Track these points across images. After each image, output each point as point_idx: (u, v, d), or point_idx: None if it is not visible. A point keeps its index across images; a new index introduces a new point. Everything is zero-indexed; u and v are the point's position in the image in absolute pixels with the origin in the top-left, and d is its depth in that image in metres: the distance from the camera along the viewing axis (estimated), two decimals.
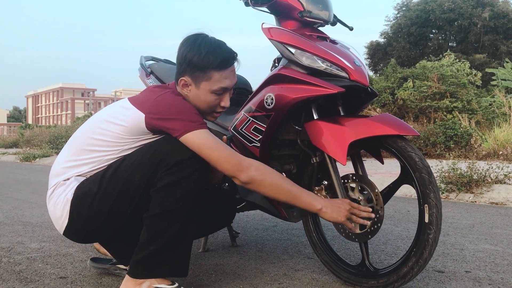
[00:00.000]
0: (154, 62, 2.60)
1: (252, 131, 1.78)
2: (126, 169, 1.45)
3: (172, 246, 1.44)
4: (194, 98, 1.55)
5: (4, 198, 4.16)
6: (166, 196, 1.41)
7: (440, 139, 7.01)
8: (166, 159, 1.42)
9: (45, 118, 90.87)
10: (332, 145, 1.55)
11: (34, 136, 15.67)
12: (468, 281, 1.75)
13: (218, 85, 1.52)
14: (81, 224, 1.49)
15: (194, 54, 1.50)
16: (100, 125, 1.52)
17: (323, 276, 1.79)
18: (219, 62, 1.50)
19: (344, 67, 1.58)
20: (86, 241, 1.65)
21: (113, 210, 1.46)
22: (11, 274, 1.80)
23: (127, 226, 1.52)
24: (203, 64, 1.49)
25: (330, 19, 1.79)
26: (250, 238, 2.46)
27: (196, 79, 1.52)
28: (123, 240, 1.61)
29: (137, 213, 1.46)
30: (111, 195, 1.45)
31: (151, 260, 1.44)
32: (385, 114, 1.60)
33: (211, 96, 1.54)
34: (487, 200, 3.86)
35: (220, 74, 1.51)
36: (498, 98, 10.11)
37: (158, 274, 1.46)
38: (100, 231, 1.52)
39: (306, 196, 1.52)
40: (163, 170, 1.41)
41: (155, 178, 1.42)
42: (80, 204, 1.46)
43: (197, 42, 1.52)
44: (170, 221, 1.42)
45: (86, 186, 1.47)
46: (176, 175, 1.41)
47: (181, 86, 1.55)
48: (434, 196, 1.43)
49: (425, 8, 23.47)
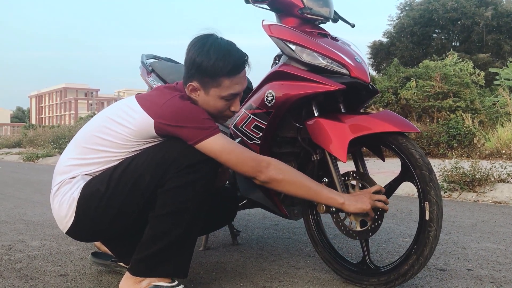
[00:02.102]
0: (155, 60, 2.60)
1: (253, 129, 1.77)
2: (136, 170, 1.43)
3: (177, 247, 1.43)
4: (203, 104, 1.51)
5: (7, 197, 4.17)
6: (174, 198, 1.40)
7: (443, 139, 6.98)
8: (178, 162, 1.41)
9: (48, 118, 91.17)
10: (332, 142, 1.54)
11: (37, 136, 15.72)
12: (470, 279, 1.74)
13: (228, 92, 1.49)
14: (87, 224, 1.47)
15: (203, 60, 1.45)
16: (107, 124, 1.49)
17: (324, 274, 1.79)
18: (229, 69, 1.46)
19: (345, 64, 1.58)
20: (89, 240, 1.64)
21: (121, 210, 1.44)
22: (11, 272, 1.80)
23: (132, 226, 1.51)
24: (213, 71, 1.45)
25: (330, 16, 1.78)
26: (251, 237, 2.45)
27: (205, 85, 1.48)
28: (125, 239, 1.60)
29: (143, 214, 1.45)
30: (120, 196, 1.43)
31: (154, 259, 1.43)
32: (385, 111, 1.59)
33: (220, 102, 1.51)
34: (490, 199, 3.84)
35: (231, 80, 1.48)
36: (501, 98, 10.06)
37: (160, 274, 1.45)
38: (106, 231, 1.51)
39: (327, 191, 1.52)
40: (174, 172, 1.40)
41: (164, 179, 1.41)
42: (86, 204, 1.44)
43: (206, 46, 1.46)
44: (176, 222, 1.41)
45: (93, 186, 1.45)
46: (186, 178, 1.40)
47: (190, 90, 1.51)
48: (435, 193, 1.42)
49: (428, 7, 23.38)
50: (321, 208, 1.61)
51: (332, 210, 1.60)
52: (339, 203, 1.50)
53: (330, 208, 1.60)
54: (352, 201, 1.49)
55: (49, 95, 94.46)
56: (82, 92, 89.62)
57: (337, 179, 1.60)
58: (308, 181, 1.52)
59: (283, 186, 1.49)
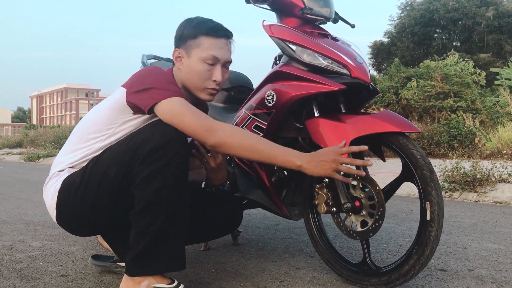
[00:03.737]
0: (156, 60, 2.60)
1: (253, 129, 1.77)
2: (104, 161, 1.45)
3: (161, 240, 1.40)
4: (187, 70, 1.54)
5: (7, 197, 4.17)
6: (145, 190, 1.38)
7: (444, 139, 6.98)
8: (139, 150, 1.39)
9: (49, 118, 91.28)
10: (333, 142, 1.54)
11: (38, 136, 15.74)
12: (470, 279, 1.74)
13: (208, 52, 1.51)
14: (68, 215, 1.50)
15: (186, 26, 1.55)
16: (95, 113, 1.56)
17: (324, 275, 1.78)
18: (209, 28, 1.52)
19: (345, 64, 1.58)
20: (79, 233, 1.64)
21: (95, 201, 1.45)
22: (12, 272, 1.81)
23: (122, 221, 1.50)
24: (194, 31, 1.52)
25: (331, 16, 1.78)
26: (252, 237, 2.45)
27: (188, 48, 1.53)
28: (123, 236, 1.59)
29: (122, 205, 1.45)
30: (92, 187, 1.44)
31: (143, 257, 1.41)
32: (386, 111, 1.59)
33: (202, 65, 1.52)
34: (490, 199, 3.84)
35: (210, 41, 1.52)
36: (502, 98, 10.05)
37: (154, 271, 1.43)
38: (87, 222, 1.52)
39: (283, 153, 1.42)
40: (138, 163, 1.38)
41: (132, 172, 1.39)
42: (65, 195, 1.48)
43: (191, 19, 1.57)
44: (153, 214, 1.38)
45: (71, 177, 1.48)
46: (152, 166, 1.37)
47: (175, 60, 1.56)
48: (436, 193, 1.42)
49: (429, 7, 23.37)
50: (321, 209, 1.61)
51: (333, 211, 1.61)
52: (296, 165, 1.41)
53: (331, 209, 1.60)
54: (312, 164, 1.41)
55: (50, 95, 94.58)
56: (83, 92, 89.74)
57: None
58: (261, 144, 1.43)
59: (233, 150, 1.43)
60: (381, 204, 1.51)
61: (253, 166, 1.82)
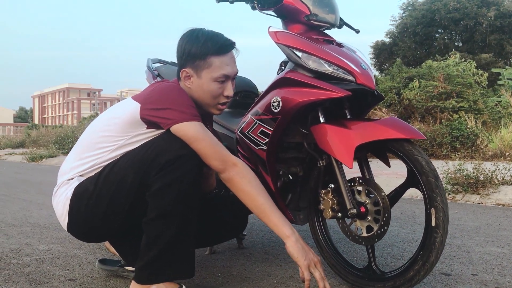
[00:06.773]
0: (161, 64, 2.61)
1: (259, 134, 1.78)
2: (120, 170, 1.46)
3: (173, 249, 1.43)
4: (197, 90, 1.56)
5: (12, 199, 4.19)
6: (160, 199, 1.41)
7: (446, 140, 6.98)
8: (157, 159, 1.41)
9: (51, 118, 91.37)
10: (338, 148, 1.56)
11: (41, 136, 15.74)
12: (475, 284, 1.75)
13: (220, 72, 1.53)
14: (80, 223, 1.51)
15: (193, 44, 1.53)
16: (104, 122, 1.56)
17: (329, 279, 1.80)
18: (218, 47, 1.52)
19: (351, 71, 1.59)
20: (89, 240, 1.66)
21: (109, 210, 1.47)
22: (20, 276, 1.82)
23: (131, 227, 1.53)
24: (202, 52, 1.51)
25: (336, 22, 1.79)
26: (257, 240, 2.47)
27: (197, 69, 1.53)
28: (131, 241, 1.61)
29: (135, 213, 1.47)
30: (106, 195, 1.46)
31: (154, 265, 1.43)
32: (391, 117, 1.60)
33: (213, 85, 1.54)
34: (493, 201, 3.84)
35: (220, 60, 1.53)
36: (504, 98, 10.04)
37: (163, 279, 1.46)
38: (99, 230, 1.54)
39: (278, 218, 1.47)
40: (155, 172, 1.41)
41: (148, 180, 1.42)
42: (78, 203, 1.49)
43: (194, 34, 1.55)
44: (166, 224, 1.41)
45: (84, 185, 1.49)
46: (169, 177, 1.40)
47: (183, 78, 1.57)
48: (441, 200, 1.43)
49: (431, 7, 23.34)
50: (327, 214, 1.63)
51: (339, 216, 1.62)
52: (285, 234, 1.45)
53: (336, 214, 1.61)
54: (298, 244, 1.45)
55: (52, 95, 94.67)
56: (84, 92, 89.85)
57: (343, 185, 1.61)
58: (263, 198, 1.49)
59: (238, 192, 1.50)
60: (387, 210, 1.53)
61: (258, 170, 1.83)
